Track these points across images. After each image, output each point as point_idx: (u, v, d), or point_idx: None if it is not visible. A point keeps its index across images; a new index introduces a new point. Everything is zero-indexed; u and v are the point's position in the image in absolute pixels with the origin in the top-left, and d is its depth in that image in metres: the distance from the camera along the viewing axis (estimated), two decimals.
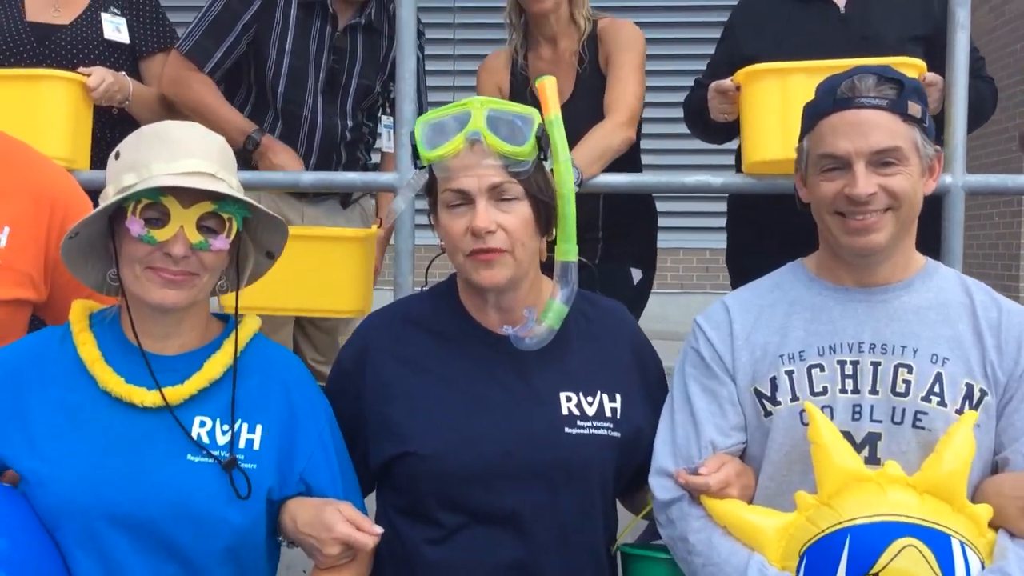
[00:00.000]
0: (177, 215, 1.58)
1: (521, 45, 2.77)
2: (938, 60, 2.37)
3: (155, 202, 1.58)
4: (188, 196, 1.59)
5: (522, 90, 2.75)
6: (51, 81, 2.47)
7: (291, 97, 2.77)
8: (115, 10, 2.76)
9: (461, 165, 1.68)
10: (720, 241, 2.91)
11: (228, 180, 1.64)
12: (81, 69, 2.55)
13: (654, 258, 2.93)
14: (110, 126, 2.66)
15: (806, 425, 1.65)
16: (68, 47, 2.72)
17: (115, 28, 2.72)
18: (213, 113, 2.70)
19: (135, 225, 1.58)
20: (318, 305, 2.46)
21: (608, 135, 2.51)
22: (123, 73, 2.65)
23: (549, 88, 1.76)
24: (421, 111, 2.86)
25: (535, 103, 1.80)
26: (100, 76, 2.53)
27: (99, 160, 2.41)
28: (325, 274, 2.41)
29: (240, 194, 1.64)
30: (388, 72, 2.85)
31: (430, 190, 1.77)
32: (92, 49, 2.73)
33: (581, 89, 2.70)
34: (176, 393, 1.63)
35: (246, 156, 2.64)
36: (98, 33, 2.74)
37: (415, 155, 1.74)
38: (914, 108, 1.66)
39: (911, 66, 2.25)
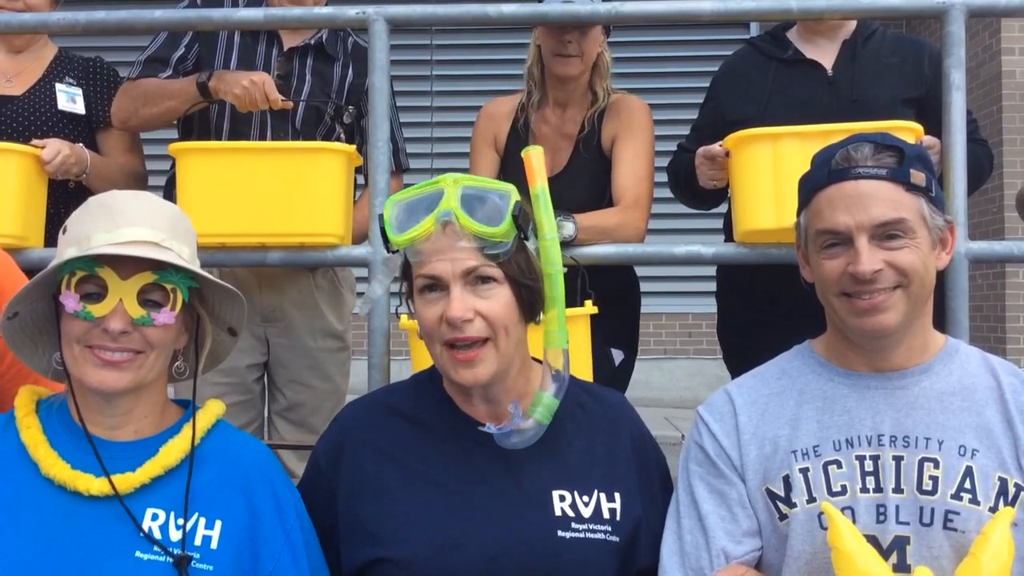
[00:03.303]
0: (115, 288, 1.47)
1: (534, 103, 2.69)
2: (931, 123, 2.30)
3: (91, 274, 1.47)
4: (127, 267, 1.48)
5: (519, 146, 2.66)
6: (2, 154, 2.33)
7: (237, 116, 2.62)
8: (71, 80, 2.69)
9: (433, 249, 1.56)
10: (702, 306, 2.81)
11: (177, 249, 1.52)
12: (35, 141, 2.45)
13: (636, 339, 2.82)
14: (65, 201, 2.54)
15: (826, 529, 1.49)
16: (21, 118, 2.63)
17: (70, 99, 2.64)
18: (161, 88, 2.57)
19: (70, 300, 1.47)
20: (295, 229, 2.27)
21: (615, 224, 2.44)
22: (80, 145, 2.55)
23: (535, 159, 1.64)
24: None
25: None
26: (55, 148, 2.42)
27: (53, 238, 2.26)
28: (301, 193, 2.24)
29: (185, 262, 1.52)
30: (344, 100, 2.73)
31: (405, 273, 1.65)
32: (46, 120, 2.64)
33: (577, 163, 2.64)
34: (126, 481, 1.49)
35: (207, 96, 2.51)
36: (52, 104, 2.66)
37: (385, 239, 1.61)
38: (917, 176, 1.54)
39: (907, 129, 2.17)
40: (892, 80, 2.48)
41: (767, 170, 2.18)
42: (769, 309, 2.44)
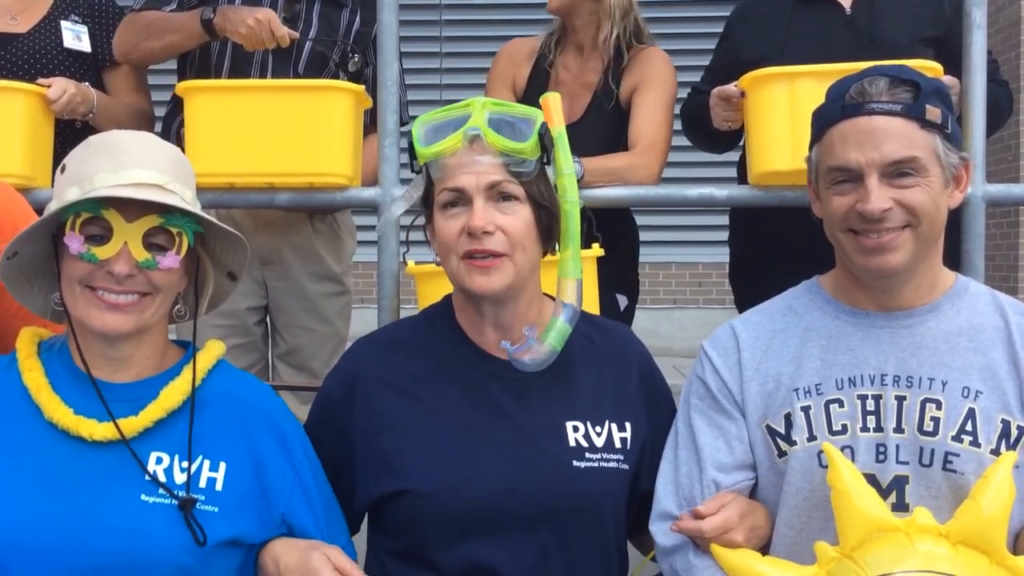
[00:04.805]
0: (121, 230, 1.45)
1: (555, 45, 2.63)
2: (950, 62, 2.25)
3: (96, 216, 1.45)
4: (133, 210, 1.46)
5: (539, 89, 2.61)
6: (8, 93, 2.32)
7: (238, 55, 2.57)
8: (76, 18, 2.64)
9: (458, 163, 1.59)
10: (712, 255, 2.78)
11: (180, 192, 1.50)
12: (41, 80, 2.41)
13: (637, 284, 2.81)
14: (72, 141, 2.47)
15: (826, 467, 1.49)
16: (26, 57, 2.58)
17: (75, 36, 2.59)
18: (164, 22, 2.53)
19: (74, 242, 1.45)
20: (303, 168, 2.25)
21: (625, 165, 2.41)
22: (86, 84, 2.51)
23: (553, 104, 1.67)
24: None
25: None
26: (61, 87, 2.39)
27: None
28: (310, 132, 2.22)
29: (190, 206, 1.50)
30: (349, 45, 2.66)
31: (426, 200, 1.66)
32: (52, 59, 2.60)
33: (594, 113, 2.59)
34: (129, 425, 1.48)
35: (211, 34, 2.46)
36: (58, 42, 2.61)
37: (412, 155, 1.64)
38: (933, 112, 1.50)
39: (927, 69, 2.11)
40: (911, 19, 2.42)
41: (783, 110, 2.15)
42: (783, 253, 2.41)
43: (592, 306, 2.23)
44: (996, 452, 1.49)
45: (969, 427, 1.51)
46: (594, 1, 2.52)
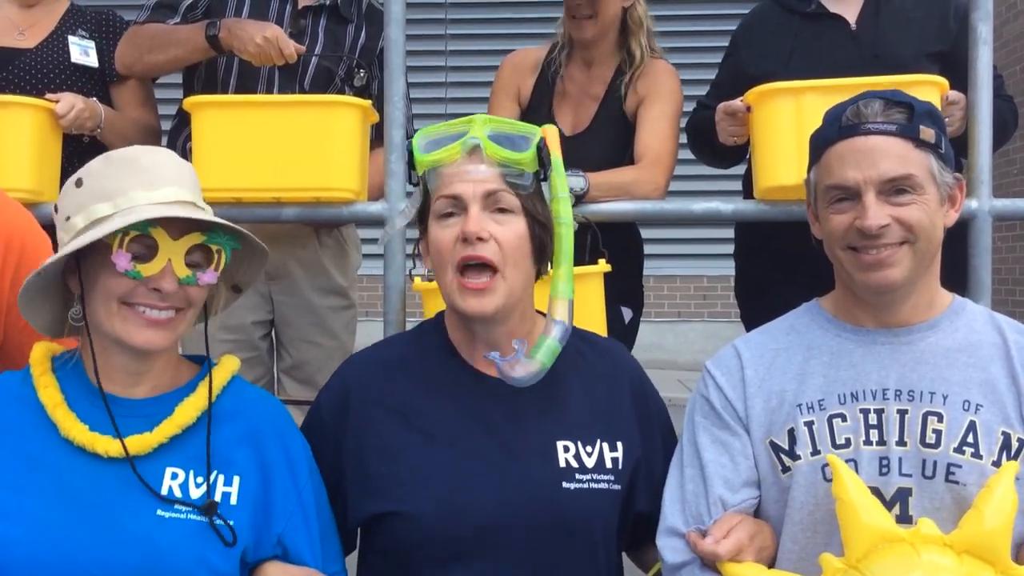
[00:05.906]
0: (166, 248, 1.47)
1: (562, 59, 2.65)
2: (955, 78, 2.26)
3: (143, 234, 1.47)
4: (176, 228, 1.48)
5: (544, 99, 2.64)
6: (16, 108, 2.33)
7: (244, 71, 2.58)
8: (83, 33, 2.65)
9: (457, 171, 1.59)
10: (717, 268, 2.78)
11: (206, 208, 1.52)
12: (49, 95, 2.42)
13: (642, 297, 2.81)
14: (80, 155, 2.51)
15: (830, 481, 1.50)
16: (33, 72, 2.59)
17: (83, 51, 2.60)
18: (167, 35, 2.54)
19: (122, 259, 1.45)
20: (310, 183, 2.26)
21: (631, 179, 2.41)
22: (94, 99, 2.52)
23: (550, 136, 1.67)
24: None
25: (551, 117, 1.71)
26: (69, 102, 2.40)
27: None
28: (317, 147, 2.23)
29: (231, 224, 1.53)
30: (355, 60, 2.68)
31: (422, 215, 1.67)
32: (59, 74, 2.61)
33: (600, 122, 2.60)
34: (143, 442, 1.49)
35: (217, 49, 2.47)
36: (65, 57, 2.62)
37: (410, 165, 1.65)
38: (927, 133, 1.54)
39: (933, 84, 2.14)
40: (916, 34, 2.43)
41: (789, 125, 2.15)
42: (788, 267, 2.41)
43: (599, 321, 2.23)
44: (997, 464, 1.51)
45: (970, 439, 1.53)
46: (622, 34, 2.57)
